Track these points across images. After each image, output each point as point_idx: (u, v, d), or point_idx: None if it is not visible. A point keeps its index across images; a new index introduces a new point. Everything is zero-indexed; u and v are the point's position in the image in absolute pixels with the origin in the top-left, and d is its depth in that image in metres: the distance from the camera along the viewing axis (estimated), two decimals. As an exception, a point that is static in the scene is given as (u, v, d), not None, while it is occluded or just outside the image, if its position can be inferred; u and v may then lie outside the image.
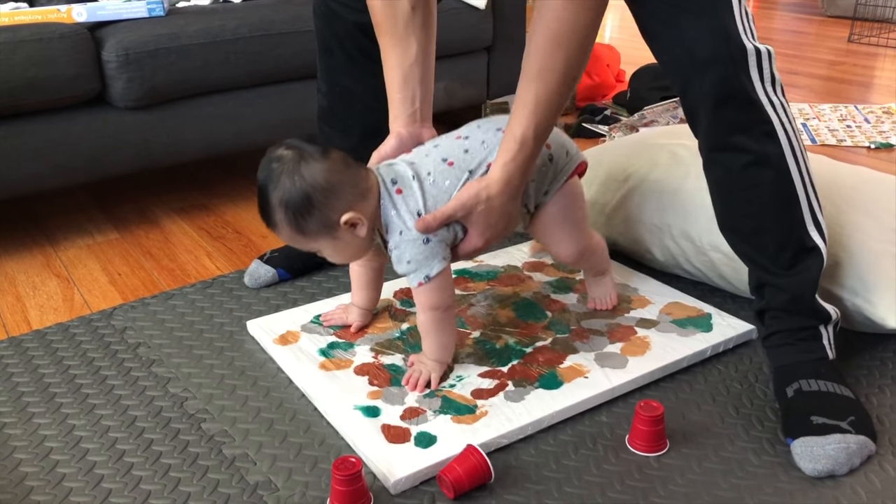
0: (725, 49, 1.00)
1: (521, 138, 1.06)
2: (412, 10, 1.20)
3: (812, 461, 0.98)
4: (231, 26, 1.77)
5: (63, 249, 1.72)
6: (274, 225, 1.08)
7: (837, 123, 2.53)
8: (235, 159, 2.25)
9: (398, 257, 1.11)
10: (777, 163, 1.06)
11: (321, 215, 1.06)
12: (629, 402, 1.13)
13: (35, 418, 1.12)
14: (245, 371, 1.23)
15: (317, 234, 1.08)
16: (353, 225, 1.08)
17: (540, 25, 1.03)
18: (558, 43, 1.02)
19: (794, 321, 1.12)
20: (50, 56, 1.58)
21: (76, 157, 1.67)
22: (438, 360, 1.16)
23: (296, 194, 1.05)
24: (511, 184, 1.09)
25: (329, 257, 1.13)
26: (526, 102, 1.05)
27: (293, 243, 1.11)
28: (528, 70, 1.05)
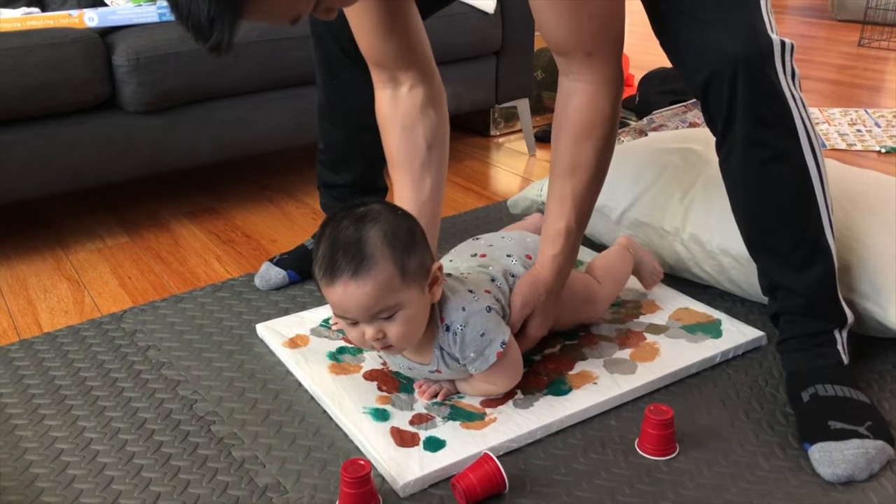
0: (754, 42, 0.99)
1: (564, 231, 1.11)
2: (428, 150, 1.23)
3: (831, 466, 0.98)
4: (240, 31, 1.77)
5: (74, 253, 1.73)
6: (368, 267, 0.95)
7: (847, 128, 2.52)
8: (245, 163, 2.26)
9: (470, 336, 1.04)
10: (796, 159, 1.05)
11: (420, 257, 1.00)
12: (638, 405, 1.13)
13: (46, 420, 1.13)
14: (254, 374, 1.23)
15: (412, 282, 0.98)
16: (434, 281, 1.02)
17: (564, 122, 1.08)
18: (585, 137, 1.07)
19: (810, 325, 1.11)
20: (61, 60, 1.59)
21: (87, 161, 1.68)
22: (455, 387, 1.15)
23: (403, 227, 0.99)
24: (562, 273, 1.15)
25: (402, 326, 0.99)
26: (563, 196, 1.10)
27: (377, 296, 0.96)
28: (558, 166, 1.10)
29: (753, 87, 1.00)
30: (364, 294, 0.96)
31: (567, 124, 1.07)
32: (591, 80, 1.04)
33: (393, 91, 1.22)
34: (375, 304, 0.97)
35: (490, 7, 2.10)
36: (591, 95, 1.05)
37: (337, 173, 1.51)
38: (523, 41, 2.23)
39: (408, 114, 1.21)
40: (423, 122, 1.22)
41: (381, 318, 0.98)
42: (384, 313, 0.98)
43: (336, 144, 1.49)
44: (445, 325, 1.05)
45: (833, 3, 4.69)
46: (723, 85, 1.01)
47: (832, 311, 1.12)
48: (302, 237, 1.63)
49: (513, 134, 2.57)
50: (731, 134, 1.05)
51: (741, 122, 1.03)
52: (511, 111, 2.53)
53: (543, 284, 1.13)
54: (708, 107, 1.06)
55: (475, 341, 1.05)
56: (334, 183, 1.52)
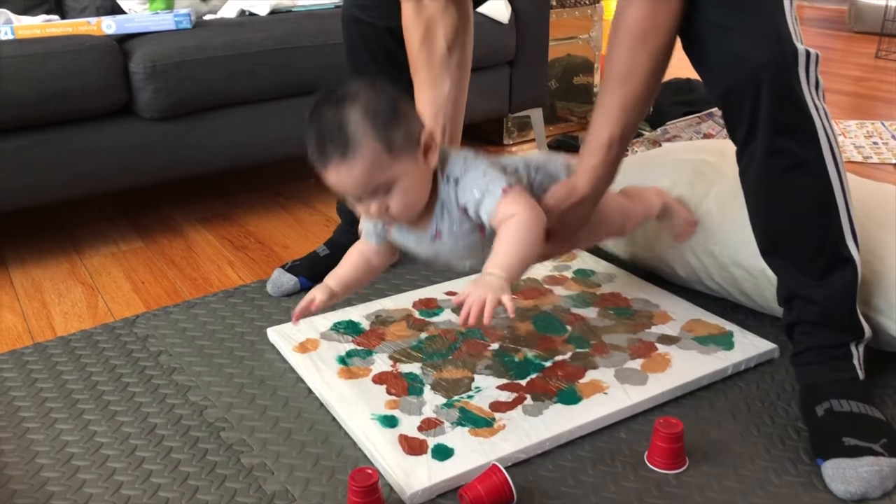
0: (780, 51, 0.99)
1: (607, 142, 1.07)
2: (448, 50, 1.23)
3: (844, 483, 0.97)
4: (256, 39, 1.79)
5: (88, 257, 1.74)
6: (353, 147, 0.96)
7: (864, 140, 2.51)
8: (259, 170, 2.27)
9: (471, 176, 1.03)
10: (817, 168, 1.04)
11: (407, 127, 1.00)
12: (648, 418, 1.12)
13: (57, 423, 1.14)
14: (265, 380, 1.23)
15: (401, 153, 0.99)
16: (427, 147, 1.02)
17: (621, 28, 1.04)
18: (641, 44, 1.03)
19: (826, 337, 1.10)
20: (79, 67, 1.61)
21: (102, 167, 1.70)
22: (510, 276, 0.97)
23: (384, 102, 0.99)
24: (598, 188, 1.11)
25: (400, 198, 1.01)
26: (611, 106, 1.06)
27: (367, 174, 0.98)
28: (612, 74, 1.06)
29: (776, 96, 1.00)
30: (355, 175, 0.98)
31: (623, 32, 1.03)
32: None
33: (417, 2, 1.22)
34: (368, 183, 0.99)
35: (504, 17, 2.10)
36: (650, 7, 1.01)
37: None
38: (537, 51, 2.23)
39: (430, 17, 1.21)
40: (444, 24, 1.22)
41: (380, 193, 1.00)
42: (381, 189, 1.00)
43: None
44: (446, 177, 1.05)
45: (850, 14, 4.67)
46: (746, 93, 1.00)
47: (850, 323, 1.10)
48: (314, 244, 1.64)
49: (526, 143, 2.57)
50: (753, 143, 1.04)
51: (763, 130, 1.02)
52: (524, 120, 2.53)
53: (577, 195, 1.10)
54: (730, 115, 1.05)
55: (476, 180, 1.03)
56: None
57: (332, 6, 2.11)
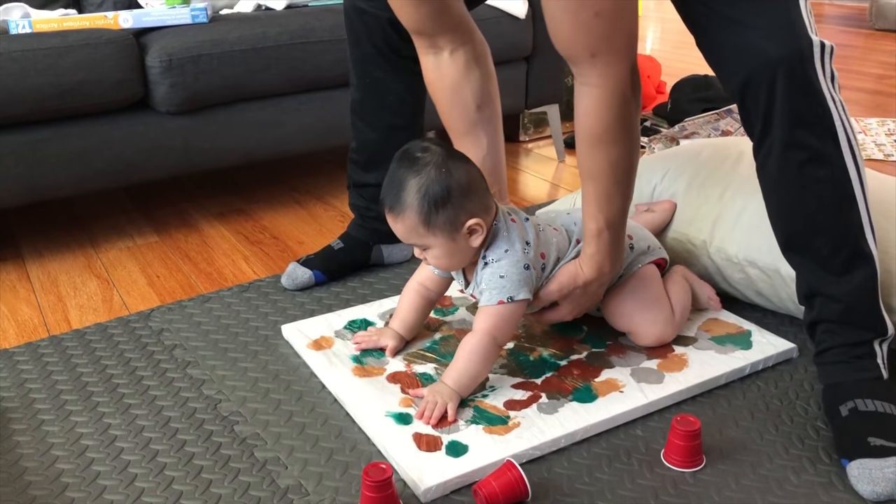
0: (795, 43, 0.98)
1: (596, 232, 1.13)
2: (478, 109, 1.27)
3: (871, 484, 0.95)
4: (273, 33, 1.79)
5: (104, 251, 1.75)
6: (399, 210, 1.08)
7: (885, 138, 2.48)
8: (274, 165, 2.27)
9: (492, 272, 1.11)
10: (836, 161, 1.03)
11: (452, 213, 1.07)
12: (665, 416, 1.11)
13: (72, 416, 1.14)
14: (279, 375, 1.23)
15: (438, 231, 1.08)
16: (472, 232, 1.10)
17: (577, 124, 1.08)
18: (595, 144, 1.07)
19: (849, 335, 1.09)
20: (96, 61, 1.61)
21: (118, 161, 1.70)
22: (459, 391, 1.11)
23: (438, 186, 1.06)
24: (602, 272, 1.16)
25: (434, 259, 1.13)
26: (589, 200, 1.12)
27: (406, 234, 1.10)
28: (580, 169, 1.12)
29: (793, 89, 0.99)
30: (397, 227, 1.10)
31: (579, 130, 1.07)
32: (595, 84, 1.02)
33: (435, 57, 1.24)
34: (406, 238, 1.11)
35: (521, 12, 2.09)
36: (596, 100, 1.03)
37: (368, 172, 1.51)
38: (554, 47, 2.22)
39: (453, 78, 1.24)
40: (469, 84, 1.25)
41: (419, 247, 1.12)
42: (419, 245, 1.12)
43: (369, 143, 1.50)
44: (483, 255, 1.13)
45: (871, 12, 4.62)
46: (761, 86, 0.99)
47: (872, 319, 1.08)
48: (329, 239, 1.63)
49: (542, 139, 2.56)
50: (770, 137, 1.03)
51: (779, 124, 1.01)
52: (541, 116, 2.52)
53: (581, 276, 1.16)
54: (746, 109, 1.04)
55: (492, 279, 1.12)
56: (365, 182, 1.52)
57: (349, 1, 2.10)
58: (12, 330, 1.42)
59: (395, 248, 1.59)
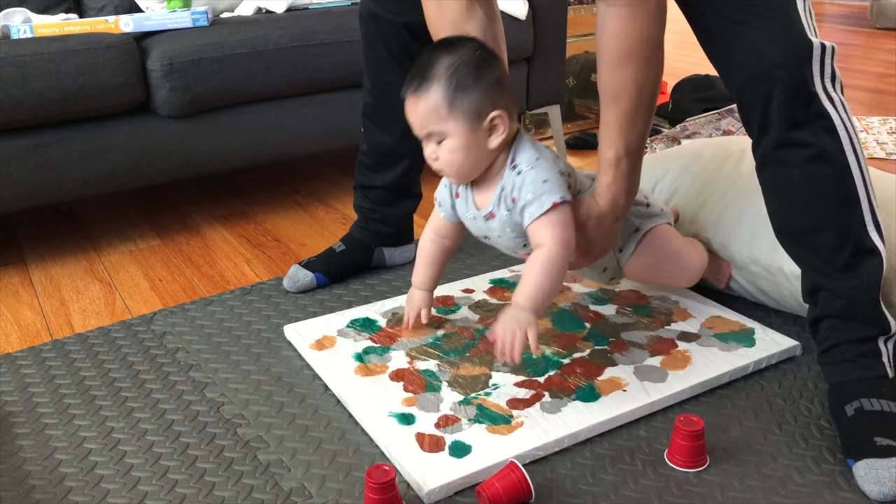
0: (793, 46, 0.98)
1: (614, 160, 1.09)
2: None
3: (877, 484, 0.95)
4: (273, 37, 1.79)
5: (106, 255, 1.75)
6: (424, 86, 1.04)
7: (886, 136, 2.47)
8: (276, 168, 2.27)
9: (533, 178, 1.07)
10: (837, 158, 1.03)
11: (478, 99, 1.04)
12: (668, 416, 1.11)
13: (75, 420, 1.14)
14: (281, 377, 1.23)
15: (460, 115, 1.04)
16: (493, 129, 1.06)
17: (601, 47, 1.05)
18: (623, 63, 1.04)
19: (853, 331, 1.08)
20: (97, 65, 1.61)
21: (120, 165, 1.70)
22: (536, 309, 1.06)
23: (470, 67, 1.04)
24: (617, 203, 1.13)
25: (448, 153, 1.07)
26: (609, 125, 1.08)
27: (425, 116, 1.06)
28: (602, 93, 1.08)
29: (789, 92, 0.99)
30: (417, 110, 1.06)
31: (604, 51, 1.04)
32: (624, 2, 1.00)
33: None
34: (423, 124, 1.07)
35: (522, 13, 2.09)
36: (626, 18, 1.00)
37: (376, 174, 1.52)
38: (555, 47, 2.22)
39: (454, 17, 1.19)
40: (472, 24, 1.19)
41: (433, 140, 1.08)
42: (434, 136, 1.07)
43: (380, 146, 1.50)
44: (513, 165, 1.09)
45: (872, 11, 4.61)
46: (759, 89, 1.00)
47: (874, 315, 1.08)
48: (331, 241, 1.63)
49: (543, 140, 2.55)
50: (767, 137, 1.04)
51: (776, 125, 1.02)
52: (542, 117, 2.52)
53: (595, 211, 1.13)
54: (744, 109, 1.05)
55: (536, 184, 1.07)
56: (372, 184, 1.53)
57: (349, 3, 2.10)
58: (15, 334, 1.42)
59: (396, 250, 1.59)
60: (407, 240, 1.60)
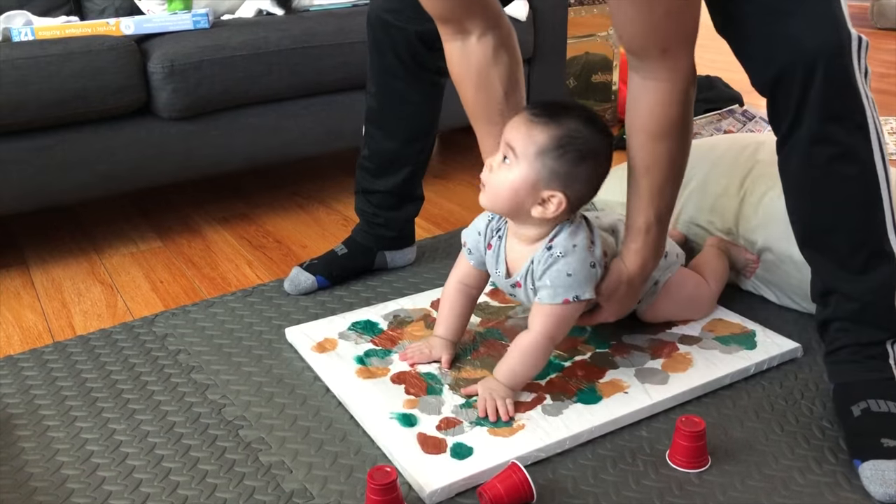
0: (837, 35, 0.97)
1: (644, 227, 1.11)
2: (506, 96, 1.21)
3: (883, 485, 0.95)
4: (274, 38, 1.79)
5: (107, 257, 1.75)
6: (544, 120, 1.04)
7: (888, 136, 2.47)
8: (277, 170, 2.27)
9: (559, 269, 1.07)
10: (864, 158, 1.02)
11: (563, 171, 1.03)
12: (670, 417, 1.11)
13: (77, 422, 1.14)
14: (283, 379, 1.23)
15: (538, 164, 1.03)
16: (545, 202, 1.05)
17: (637, 121, 1.05)
18: (659, 137, 1.04)
19: (863, 334, 1.08)
20: (99, 67, 1.61)
21: (121, 167, 1.71)
22: (512, 386, 1.11)
23: (584, 148, 1.04)
24: (646, 267, 1.15)
25: (500, 176, 1.06)
26: (639, 194, 1.09)
27: (520, 136, 1.04)
28: (634, 164, 1.08)
29: (829, 82, 0.97)
30: (518, 128, 1.05)
31: (640, 123, 1.05)
32: (665, 78, 1.01)
33: (462, 42, 1.18)
34: (513, 141, 1.05)
35: (522, 14, 2.09)
36: (665, 94, 1.02)
37: (378, 179, 1.51)
38: (555, 49, 2.22)
39: (481, 63, 1.18)
40: (498, 69, 1.19)
41: (503, 155, 1.06)
42: (508, 155, 1.06)
43: (384, 152, 1.49)
44: (549, 246, 1.09)
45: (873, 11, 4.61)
46: (797, 77, 0.98)
47: (888, 320, 1.07)
48: (332, 243, 1.63)
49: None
50: (799, 131, 1.02)
51: (811, 117, 0.99)
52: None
53: (626, 276, 1.14)
54: (776, 101, 1.02)
55: (560, 274, 1.07)
56: (374, 189, 1.52)
57: (350, 5, 2.11)
58: (17, 336, 1.42)
59: (398, 253, 1.59)
60: (409, 242, 1.60)
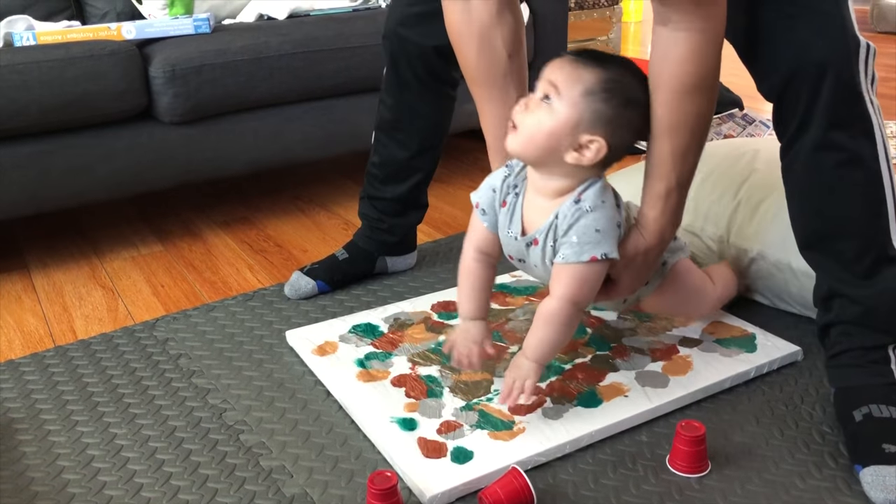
0: (845, 42, 0.97)
1: (665, 192, 1.05)
2: (510, 58, 1.16)
3: (884, 491, 0.95)
4: (275, 43, 1.79)
5: (109, 261, 1.75)
6: (590, 63, 0.99)
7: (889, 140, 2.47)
8: (278, 174, 2.28)
9: (587, 224, 1.01)
10: (870, 164, 1.02)
11: (607, 115, 0.98)
12: (670, 421, 1.11)
13: (78, 426, 1.14)
14: (283, 383, 1.23)
15: (582, 106, 0.98)
16: (583, 147, 0.99)
17: (664, 76, 0.99)
18: (688, 95, 0.99)
19: (866, 338, 1.08)
20: (100, 72, 1.62)
21: (122, 171, 1.71)
22: (540, 361, 1.06)
23: (629, 93, 1.00)
24: (665, 237, 1.09)
25: (533, 120, 1.00)
26: (663, 157, 1.03)
27: (563, 76, 0.99)
28: (658, 125, 1.02)
29: (838, 89, 0.97)
30: (561, 68, 1.00)
31: (667, 79, 0.98)
32: (698, 28, 0.94)
33: (464, 1, 1.13)
34: (554, 80, 1.00)
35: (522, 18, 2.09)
36: (698, 45, 0.95)
37: (386, 186, 1.52)
38: (555, 51, 2.21)
39: (483, 23, 1.13)
40: (501, 29, 1.14)
41: (541, 95, 1.01)
42: (547, 95, 1.00)
43: (394, 161, 1.49)
44: (577, 199, 1.02)
45: (873, 14, 4.62)
46: (805, 84, 0.97)
47: (890, 324, 1.08)
48: (333, 247, 1.64)
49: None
50: (805, 136, 1.01)
51: (818, 123, 0.99)
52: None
53: (643, 245, 1.08)
54: (783, 107, 1.02)
55: (588, 230, 1.01)
56: (381, 196, 1.53)
57: (350, 10, 2.11)
58: (18, 341, 1.42)
59: (399, 258, 1.59)
60: (410, 248, 1.61)
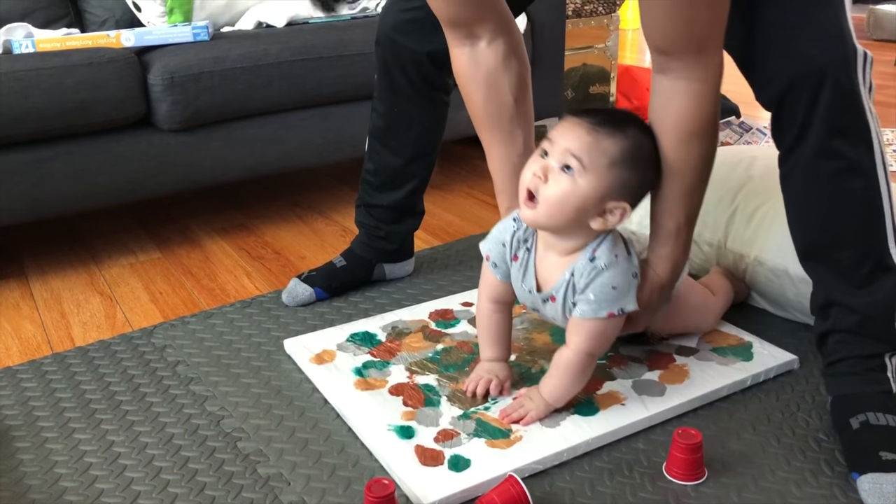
0: (844, 50, 0.97)
1: (675, 230, 1.09)
2: (516, 103, 1.19)
3: (882, 499, 0.95)
4: (274, 51, 1.80)
5: (107, 268, 1.76)
6: (609, 129, 1.00)
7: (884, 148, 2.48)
8: (276, 181, 2.28)
9: (604, 282, 1.04)
10: (868, 172, 1.02)
11: (633, 182, 1.02)
12: (667, 429, 1.11)
13: (76, 433, 1.14)
14: (281, 391, 1.23)
15: (608, 178, 1.00)
16: (607, 213, 1.02)
17: (666, 123, 1.02)
18: (692, 140, 1.02)
19: (863, 347, 1.08)
20: (99, 79, 1.62)
21: (121, 179, 1.71)
22: (553, 403, 1.10)
23: (652, 158, 1.03)
24: (677, 270, 1.13)
25: (557, 190, 1.00)
26: (669, 197, 1.07)
27: (584, 147, 1.00)
28: (665, 169, 1.05)
29: (837, 97, 0.98)
30: (579, 137, 1.00)
31: (670, 126, 1.02)
32: (699, 78, 0.98)
33: (472, 48, 1.17)
34: (574, 151, 0.99)
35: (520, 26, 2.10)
36: (698, 93, 0.99)
37: (381, 193, 1.52)
38: (554, 60, 2.23)
39: (490, 69, 1.17)
40: (508, 75, 1.17)
41: (560, 165, 1.00)
42: (568, 166, 1.00)
43: (389, 168, 1.49)
44: (592, 257, 1.05)
45: (869, 22, 4.64)
46: (804, 92, 0.98)
47: (887, 332, 1.08)
48: (331, 254, 1.64)
49: (542, 153, 2.56)
50: (804, 144, 1.02)
51: (817, 131, 1.00)
52: (540, 130, 2.53)
53: (656, 283, 1.12)
54: (782, 115, 1.03)
55: (604, 288, 1.04)
56: (377, 203, 1.53)
57: (348, 18, 2.12)
58: (16, 347, 1.42)
59: (397, 265, 1.60)
60: (408, 255, 1.61)
